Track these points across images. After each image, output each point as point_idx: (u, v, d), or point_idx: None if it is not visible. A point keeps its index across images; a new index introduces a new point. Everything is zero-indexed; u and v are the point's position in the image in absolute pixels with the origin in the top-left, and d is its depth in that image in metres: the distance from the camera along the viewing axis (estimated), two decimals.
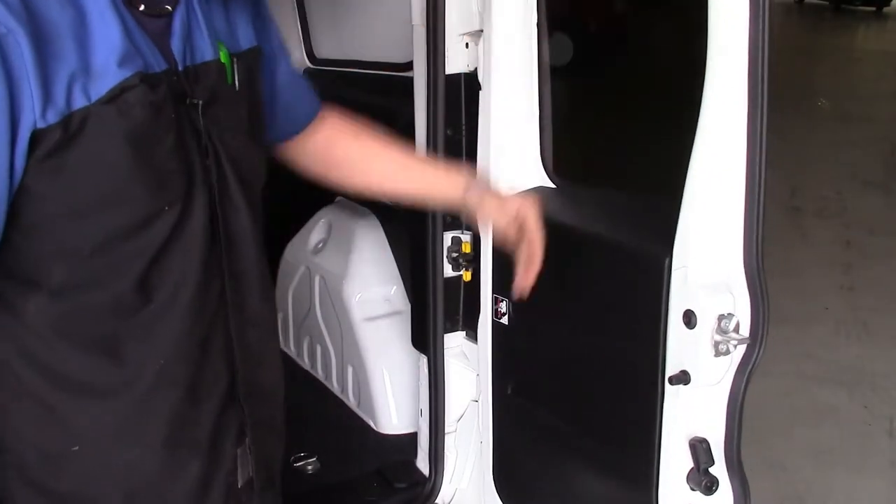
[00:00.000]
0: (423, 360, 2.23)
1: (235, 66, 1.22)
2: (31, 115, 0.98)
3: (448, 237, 2.09)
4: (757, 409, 1.45)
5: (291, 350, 3.16)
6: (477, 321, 2.02)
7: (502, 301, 1.89)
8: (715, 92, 1.36)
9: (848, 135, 8.81)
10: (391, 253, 2.81)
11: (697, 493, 1.47)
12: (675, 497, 1.51)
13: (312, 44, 3.44)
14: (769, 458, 3.32)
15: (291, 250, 3.14)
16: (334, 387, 2.91)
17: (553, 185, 1.90)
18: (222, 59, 1.20)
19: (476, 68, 1.96)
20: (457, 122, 2.03)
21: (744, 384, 1.42)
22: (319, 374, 3.00)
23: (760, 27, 1.32)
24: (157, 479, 1.20)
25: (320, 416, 2.81)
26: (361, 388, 2.76)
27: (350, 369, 2.81)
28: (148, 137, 1.07)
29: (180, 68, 1.13)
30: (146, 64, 1.08)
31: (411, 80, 2.13)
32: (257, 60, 1.30)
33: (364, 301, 2.76)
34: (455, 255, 2.09)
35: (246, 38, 1.29)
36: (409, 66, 2.20)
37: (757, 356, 1.41)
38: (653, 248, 1.49)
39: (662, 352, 1.47)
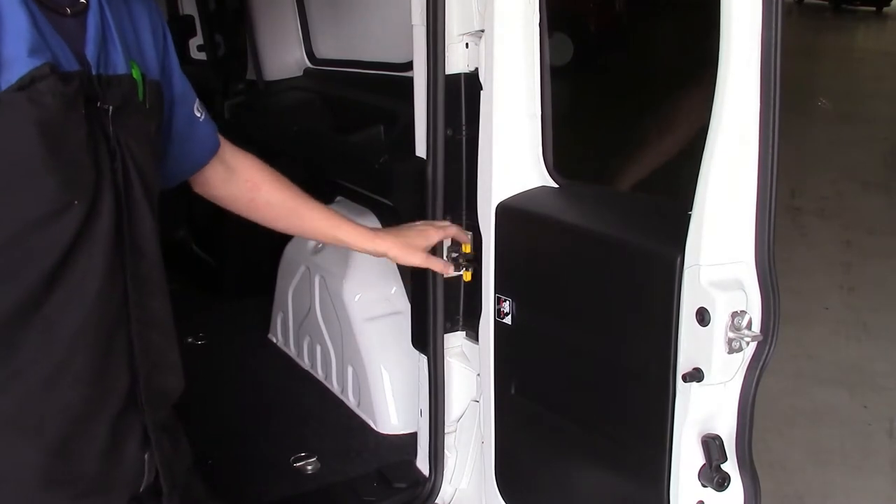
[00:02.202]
0: (423, 360, 2.23)
1: (146, 86, 1.24)
2: None
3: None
4: (757, 408, 1.47)
5: (291, 350, 3.16)
6: (477, 321, 2.02)
7: (505, 301, 1.89)
8: (727, 92, 1.37)
9: (848, 135, 8.82)
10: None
11: (709, 490, 1.49)
12: (686, 493, 1.51)
13: (312, 44, 3.44)
14: (769, 458, 3.32)
15: (291, 250, 3.14)
16: (334, 387, 2.91)
17: (555, 185, 1.90)
18: (134, 76, 1.22)
19: (476, 68, 1.96)
20: (457, 122, 2.03)
21: (755, 381, 1.44)
22: (319, 374, 3.00)
23: (774, 27, 1.33)
24: (46, 481, 1.18)
25: (320, 416, 2.81)
26: (361, 388, 2.76)
27: (350, 369, 2.81)
28: (58, 128, 1.08)
29: (94, 72, 1.14)
30: (55, 58, 1.09)
31: (411, 80, 2.13)
32: (161, 94, 1.32)
33: (364, 301, 2.76)
34: (455, 255, 2.09)
35: (152, 66, 1.31)
36: (409, 66, 2.20)
37: (768, 353, 1.43)
38: (664, 247, 1.49)
39: (674, 350, 1.48)
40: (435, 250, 2.03)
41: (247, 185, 1.64)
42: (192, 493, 1.44)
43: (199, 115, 1.50)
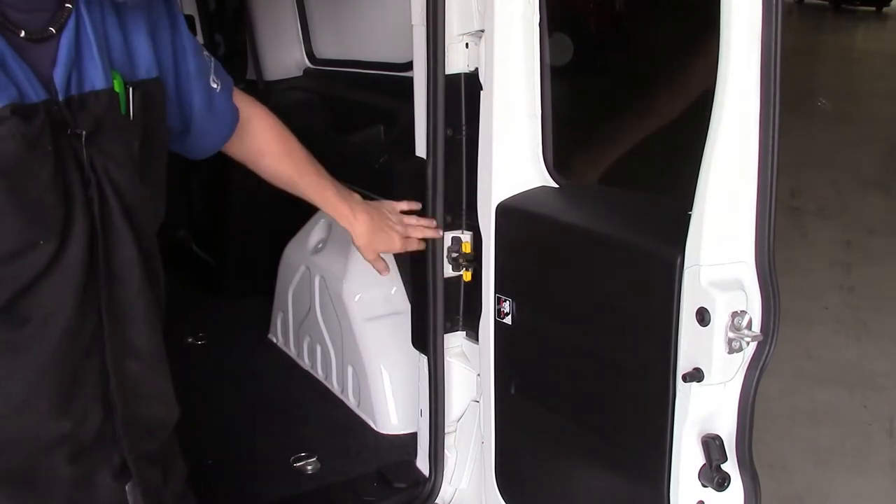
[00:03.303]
0: (423, 360, 2.23)
1: (131, 95, 1.19)
2: None
3: (448, 237, 2.09)
4: (757, 408, 1.47)
5: (291, 350, 3.16)
6: (477, 321, 2.02)
7: (505, 301, 1.89)
8: (727, 92, 1.37)
9: (848, 135, 8.82)
10: (391, 253, 2.80)
11: (709, 490, 1.49)
12: (686, 493, 1.51)
13: (312, 44, 3.44)
14: (769, 458, 3.32)
15: (291, 250, 3.14)
16: (334, 387, 2.91)
17: (555, 185, 1.90)
18: (116, 89, 1.16)
19: (476, 68, 1.96)
20: (457, 123, 2.03)
21: (755, 381, 1.44)
22: (319, 374, 3.00)
23: (774, 27, 1.33)
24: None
25: (320, 416, 2.81)
26: (361, 388, 2.76)
27: (350, 369, 2.80)
28: (20, 171, 1.04)
29: (61, 97, 1.09)
30: (21, 93, 1.04)
31: (411, 80, 2.13)
32: (158, 91, 1.28)
33: (364, 301, 2.76)
34: (455, 255, 2.09)
35: (146, 66, 1.26)
36: (409, 66, 2.20)
37: (768, 353, 1.43)
38: (664, 247, 1.49)
39: (675, 350, 1.48)
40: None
41: (252, 151, 1.67)
42: None
43: (215, 86, 1.48)
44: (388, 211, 2.00)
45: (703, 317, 1.41)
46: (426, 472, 2.31)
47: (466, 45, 1.98)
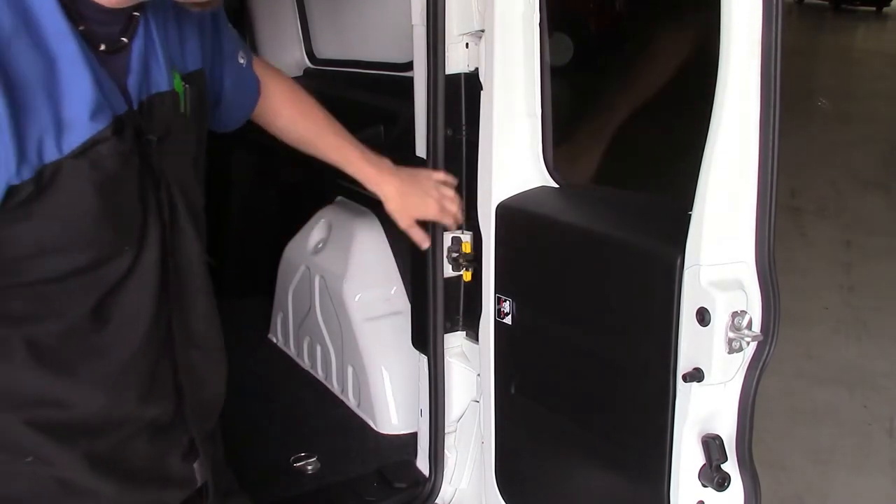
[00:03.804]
0: (423, 360, 2.23)
1: (188, 93, 1.22)
2: (6, 172, 0.97)
3: (448, 237, 2.09)
4: (757, 408, 1.47)
5: (291, 350, 3.16)
6: (477, 321, 2.02)
7: (505, 301, 1.89)
8: (727, 92, 1.37)
9: (848, 135, 8.82)
10: (391, 253, 2.80)
11: (709, 490, 1.49)
12: (686, 493, 1.52)
13: (312, 44, 3.44)
14: (769, 458, 3.32)
15: (291, 250, 3.14)
16: (334, 387, 2.91)
17: (555, 185, 1.90)
18: (177, 89, 1.19)
19: (476, 68, 1.96)
20: (457, 123, 2.03)
21: (755, 381, 1.44)
22: (319, 374, 3.00)
23: (774, 27, 1.33)
24: (103, 493, 1.20)
25: (320, 416, 2.81)
26: (361, 388, 2.76)
27: (350, 369, 2.81)
28: (115, 185, 1.07)
29: (135, 105, 1.11)
30: (114, 110, 1.06)
31: (411, 80, 2.13)
32: (202, 80, 1.30)
33: (364, 301, 2.76)
34: (455, 255, 2.09)
35: (193, 57, 1.28)
36: (409, 66, 2.20)
37: (768, 352, 1.43)
38: (664, 247, 1.49)
39: (675, 350, 1.48)
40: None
41: (266, 113, 1.65)
42: (227, 486, 1.49)
43: (242, 62, 1.50)
44: (424, 178, 1.89)
45: (703, 317, 1.41)
46: (426, 472, 2.31)
47: (466, 45, 1.98)
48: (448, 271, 2.11)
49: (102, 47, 1.07)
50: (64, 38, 1.00)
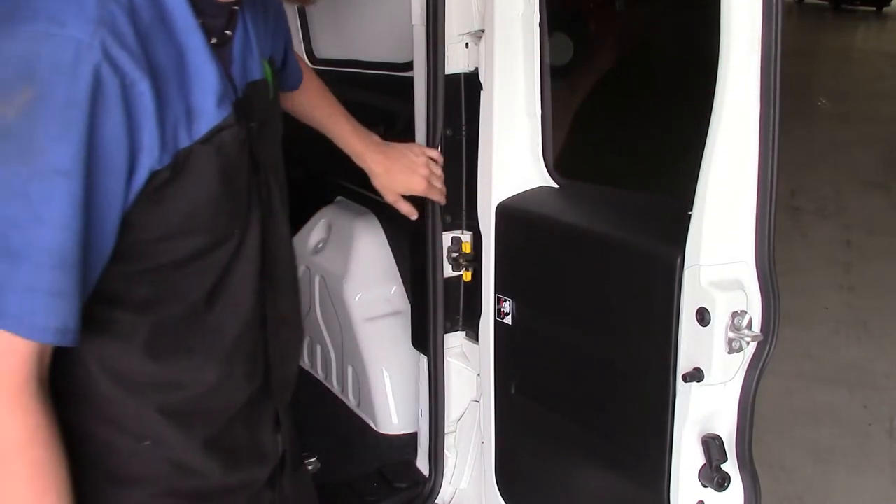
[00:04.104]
0: (423, 360, 2.23)
1: (274, 80, 1.29)
2: (150, 158, 1.01)
3: (448, 237, 2.09)
4: (757, 408, 1.47)
5: None
6: (477, 321, 2.02)
7: (505, 301, 1.89)
8: (727, 92, 1.37)
9: (848, 135, 8.82)
10: (391, 253, 2.81)
11: (709, 490, 1.49)
12: (686, 493, 1.52)
13: (312, 44, 3.44)
14: (769, 458, 3.32)
15: None
16: (334, 387, 2.91)
17: (555, 185, 1.90)
18: (267, 77, 1.26)
19: (476, 68, 1.96)
20: (457, 123, 2.03)
21: (755, 381, 1.44)
22: (319, 374, 3.00)
23: (774, 27, 1.33)
24: (210, 468, 1.24)
25: (320, 416, 2.81)
26: (361, 388, 2.76)
27: (350, 369, 2.81)
28: (234, 170, 1.13)
29: (240, 94, 1.17)
30: (231, 98, 1.12)
31: (411, 80, 2.13)
32: (274, 65, 1.36)
33: (364, 301, 2.76)
34: (455, 255, 2.09)
35: (274, 44, 1.36)
36: (409, 66, 2.20)
37: (768, 353, 1.43)
38: (664, 247, 1.49)
39: (675, 350, 1.48)
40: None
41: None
42: (297, 458, 1.52)
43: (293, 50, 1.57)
44: (415, 154, 1.93)
45: (703, 317, 1.41)
46: (426, 472, 2.31)
47: (466, 45, 1.99)
48: (448, 271, 2.11)
49: (214, 40, 1.12)
50: (192, 32, 1.06)
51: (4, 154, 0.95)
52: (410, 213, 1.95)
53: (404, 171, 1.89)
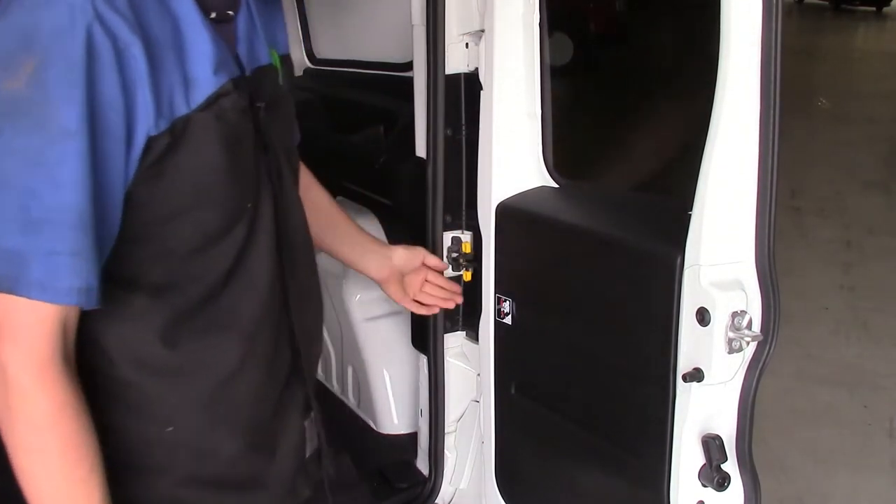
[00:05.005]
0: (423, 360, 2.23)
1: (283, 70, 1.30)
2: (146, 124, 1.03)
3: (448, 237, 2.09)
4: (757, 408, 1.47)
5: None
6: (477, 321, 2.02)
7: (505, 301, 1.89)
8: (727, 92, 1.37)
9: (848, 135, 8.82)
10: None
11: (709, 490, 1.49)
12: (686, 493, 1.52)
13: (312, 44, 3.44)
14: (769, 458, 3.32)
15: None
16: (334, 387, 2.91)
17: (555, 185, 1.90)
18: (274, 63, 1.27)
19: (476, 68, 1.96)
20: (457, 122, 2.03)
21: (755, 381, 1.44)
22: (319, 375, 3.00)
23: (774, 27, 1.33)
24: (234, 454, 1.24)
25: (320, 415, 2.80)
26: (361, 389, 2.76)
27: (350, 369, 2.80)
28: (236, 140, 1.13)
29: (247, 73, 1.18)
30: (230, 70, 1.13)
31: (411, 80, 2.13)
32: (284, 64, 1.37)
33: (364, 301, 2.76)
34: (455, 255, 2.09)
35: (281, 40, 1.36)
36: (409, 66, 2.20)
37: (768, 353, 1.43)
38: (664, 247, 1.49)
39: (675, 350, 1.48)
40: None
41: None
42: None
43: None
44: (413, 269, 1.88)
45: (703, 317, 1.41)
46: (426, 472, 2.31)
47: (466, 45, 1.99)
48: (448, 271, 2.11)
49: (213, 15, 1.13)
50: (184, 1, 1.08)
51: (20, 126, 0.97)
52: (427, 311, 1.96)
53: (398, 284, 1.87)
